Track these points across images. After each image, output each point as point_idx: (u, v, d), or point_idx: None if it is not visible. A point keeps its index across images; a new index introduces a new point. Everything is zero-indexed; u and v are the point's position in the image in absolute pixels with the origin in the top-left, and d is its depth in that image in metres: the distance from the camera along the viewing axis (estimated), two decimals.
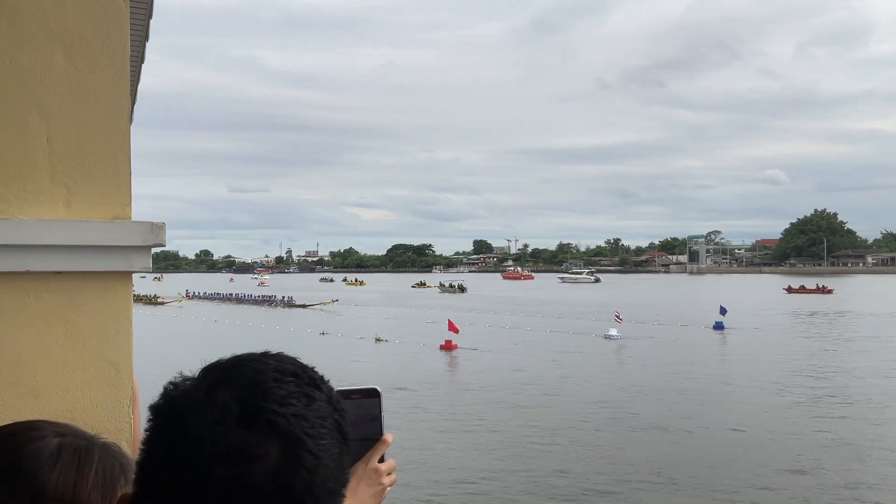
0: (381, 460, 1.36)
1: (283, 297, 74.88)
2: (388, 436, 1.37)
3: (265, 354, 0.95)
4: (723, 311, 44.83)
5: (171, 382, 0.92)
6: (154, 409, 0.91)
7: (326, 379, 0.99)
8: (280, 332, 45.93)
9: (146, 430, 0.91)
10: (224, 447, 0.84)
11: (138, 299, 77.15)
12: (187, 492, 0.84)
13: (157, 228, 1.95)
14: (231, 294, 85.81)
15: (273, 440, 0.85)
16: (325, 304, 69.63)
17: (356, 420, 1.34)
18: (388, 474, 1.37)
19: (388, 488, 1.38)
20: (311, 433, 0.87)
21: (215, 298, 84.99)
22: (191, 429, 0.85)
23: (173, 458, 0.86)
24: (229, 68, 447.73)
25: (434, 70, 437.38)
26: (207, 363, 0.95)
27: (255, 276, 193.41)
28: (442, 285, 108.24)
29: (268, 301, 75.46)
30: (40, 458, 1.17)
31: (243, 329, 49.37)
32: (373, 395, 1.36)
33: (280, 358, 0.95)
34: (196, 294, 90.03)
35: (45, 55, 1.90)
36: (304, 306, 70.07)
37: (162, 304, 76.85)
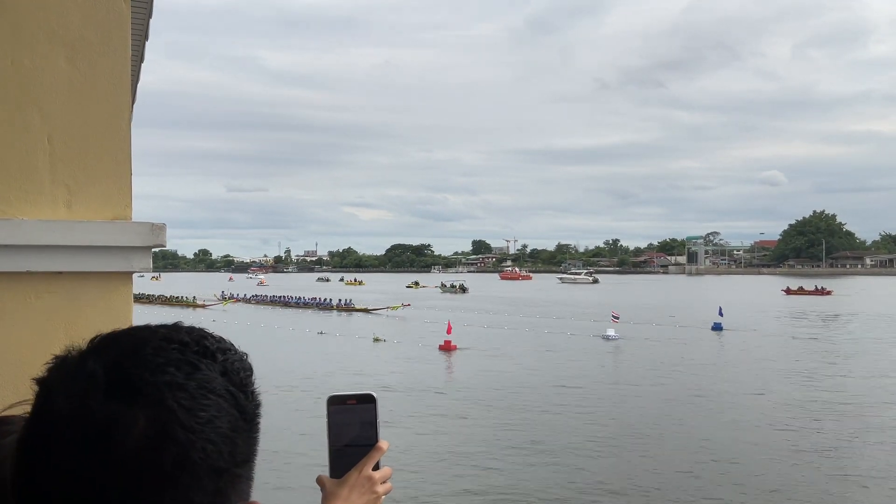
0: (377, 468, 1.33)
1: (341, 301, 66.97)
2: (383, 443, 1.33)
3: (164, 325, 0.88)
4: (722, 312, 44.85)
5: (57, 354, 0.86)
6: (35, 381, 0.84)
7: (239, 352, 0.91)
8: (333, 340, 41.97)
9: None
10: (84, 419, 0.77)
11: (177, 302, 73.21)
12: (52, 468, 0.77)
13: (158, 229, 1.96)
14: (278, 297, 77.71)
15: (140, 411, 0.77)
16: (393, 308, 60.04)
17: (350, 426, 1.32)
18: (383, 482, 1.33)
19: (383, 497, 1.34)
20: (186, 404, 0.79)
21: (259, 301, 77.34)
22: (53, 400, 0.80)
23: (38, 432, 0.79)
24: (227, 67, 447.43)
25: (432, 70, 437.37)
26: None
27: (251, 275, 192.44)
28: (443, 285, 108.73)
29: (322, 305, 68.08)
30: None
31: (291, 335, 44.50)
32: (368, 400, 1.34)
33: (176, 328, 0.88)
34: (233, 296, 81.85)
35: (47, 56, 1.91)
36: (366, 311, 61.58)
37: (203, 307, 70.31)
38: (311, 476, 1.36)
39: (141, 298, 76.59)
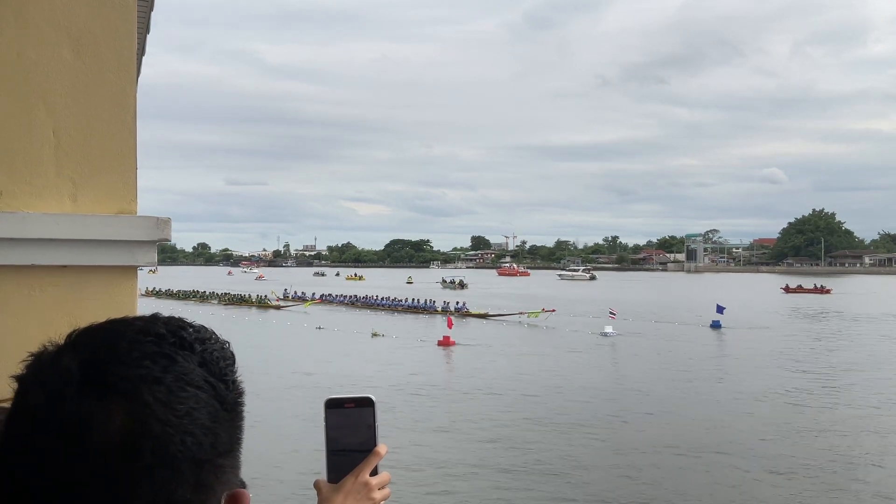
0: (374, 473, 1.29)
1: (449, 304, 57.23)
2: (381, 447, 1.30)
3: (142, 317, 0.88)
4: (720, 309, 44.83)
5: (34, 351, 0.85)
6: (13, 378, 0.84)
7: (220, 342, 0.90)
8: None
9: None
10: (59, 416, 0.77)
11: (242, 301, 65.16)
12: (29, 465, 0.77)
13: (163, 223, 1.95)
14: (367, 298, 66.37)
15: (116, 407, 0.77)
16: (533, 315, 48.76)
17: (348, 430, 1.29)
18: (381, 488, 1.30)
19: (381, 503, 1.30)
20: (162, 398, 0.79)
21: (349, 303, 66.46)
22: (29, 397, 0.80)
23: (15, 429, 0.79)
24: (225, 61, 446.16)
25: (431, 65, 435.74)
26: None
27: (245, 269, 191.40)
28: (444, 281, 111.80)
29: (422, 308, 58.54)
30: None
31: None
32: (367, 404, 1.31)
33: (154, 319, 0.87)
34: (299, 295, 72.34)
35: (53, 49, 1.90)
36: (485, 316, 52.29)
37: (277, 308, 61.90)
38: (310, 480, 1.34)
39: (201, 297, 70.66)
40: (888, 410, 22.32)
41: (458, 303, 57.18)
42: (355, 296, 68.25)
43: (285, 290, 75.28)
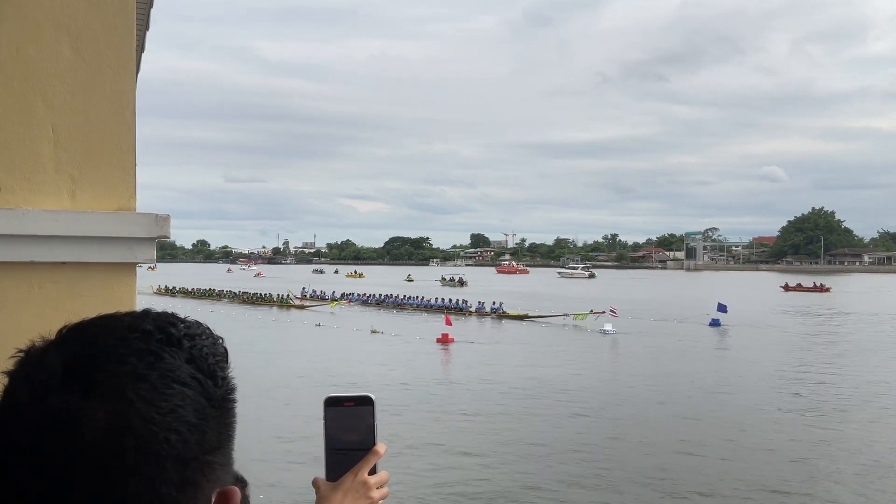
0: (373, 472, 1.29)
1: (484, 304, 53.49)
2: (380, 446, 1.30)
3: (131, 313, 0.87)
4: (722, 308, 44.69)
5: (22, 347, 0.84)
6: (4, 373, 0.83)
7: (212, 338, 0.89)
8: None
9: None
10: (42, 413, 0.76)
11: (262, 300, 62.60)
12: (16, 461, 0.77)
13: (162, 220, 1.95)
14: (394, 297, 62.79)
15: (99, 404, 0.76)
16: (579, 317, 45.56)
17: (347, 428, 1.29)
18: (379, 487, 1.29)
19: (379, 502, 1.29)
20: (146, 396, 0.78)
21: (375, 303, 62.76)
22: (14, 394, 0.79)
23: (2, 426, 0.78)
24: (225, 58, 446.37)
25: (430, 62, 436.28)
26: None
27: (243, 266, 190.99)
28: (444, 279, 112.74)
29: (462, 309, 54.11)
30: None
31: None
32: (366, 402, 1.31)
33: (143, 315, 0.86)
34: (318, 294, 68.83)
35: (52, 46, 1.90)
36: (525, 317, 48.62)
37: (300, 307, 58.41)
38: (309, 478, 1.34)
39: (217, 295, 68.68)
40: (888, 407, 22.33)
41: (494, 303, 53.35)
42: (379, 295, 64.71)
43: (303, 288, 72.93)
